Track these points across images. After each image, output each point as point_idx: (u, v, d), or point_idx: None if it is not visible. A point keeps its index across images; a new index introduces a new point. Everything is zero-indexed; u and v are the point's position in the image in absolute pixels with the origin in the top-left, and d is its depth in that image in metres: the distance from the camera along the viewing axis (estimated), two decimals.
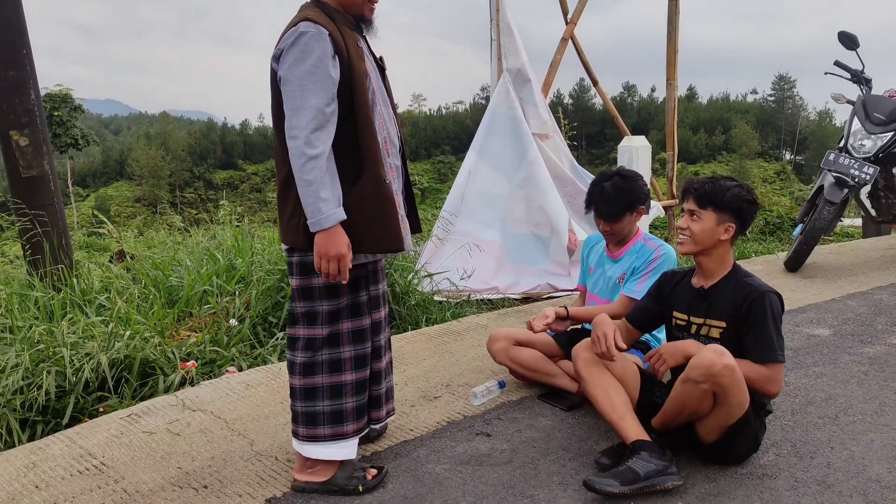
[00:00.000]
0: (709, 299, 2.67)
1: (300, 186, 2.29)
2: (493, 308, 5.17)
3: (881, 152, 5.06)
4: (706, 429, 2.57)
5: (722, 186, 2.60)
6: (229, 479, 2.70)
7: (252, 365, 3.97)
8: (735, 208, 2.60)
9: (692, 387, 2.45)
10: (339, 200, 2.34)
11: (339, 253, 2.35)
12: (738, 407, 2.48)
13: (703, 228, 2.61)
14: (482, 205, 5.69)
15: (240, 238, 5.63)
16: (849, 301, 4.68)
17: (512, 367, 3.44)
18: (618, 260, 3.32)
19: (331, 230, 2.32)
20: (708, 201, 2.60)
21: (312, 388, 2.53)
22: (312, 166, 2.27)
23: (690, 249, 2.66)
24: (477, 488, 2.59)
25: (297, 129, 2.27)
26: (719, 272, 2.68)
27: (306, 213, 2.31)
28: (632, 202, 3.22)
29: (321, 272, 2.38)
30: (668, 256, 3.20)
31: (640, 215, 3.29)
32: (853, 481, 2.55)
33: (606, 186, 3.22)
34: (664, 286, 2.84)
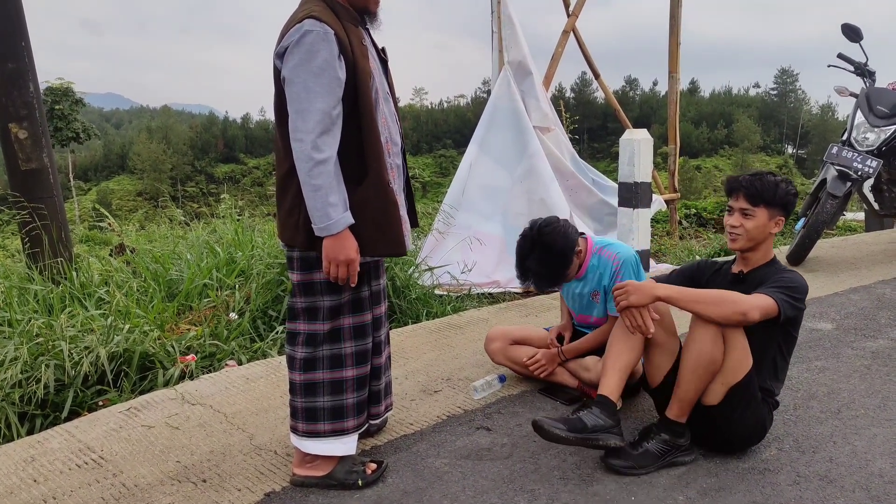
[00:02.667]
0: (745, 282, 2.73)
1: (307, 191, 2.26)
2: (494, 302, 5.15)
3: (884, 145, 5.03)
4: (710, 391, 2.57)
5: (771, 183, 2.67)
6: (228, 474, 2.68)
7: (252, 359, 3.96)
8: (785, 203, 2.68)
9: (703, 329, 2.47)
10: (346, 204, 2.32)
11: (349, 258, 2.33)
12: (741, 361, 2.51)
13: (756, 226, 2.67)
14: (483, 198, 5.67)
15: (240, 232, 5.62)
16: (851, 295, 4.66)
17: (511, 367, 3.42)
18: (582, 278, 3.22)
19: (340, 235, 2.30)
20: (760, 199, 2.66)
21: (313, 384, 2.52)
22: (320, 171, 2.24)
23: (744, 245, 2.71)
24: (477, 483, 2.58)
25: (302, 132, 2.23)
26: (763, 261, 2.75)
27: (313, 217, 2.28)
28: (564, 264, 3.03)
29: (330, 276, 2.36)
30: (627, 260, 3.12)
31: (579, 257, 3.12)
32: (856, 476, 2.54)
33: (532, 266, 3.02)
34: (701, 273, 2.91)
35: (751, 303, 2.44)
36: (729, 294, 2.48)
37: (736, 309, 2.42)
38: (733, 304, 2.43)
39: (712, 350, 2.48)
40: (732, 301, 2.44)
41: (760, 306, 2.43)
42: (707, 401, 2.59)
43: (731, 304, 2.44)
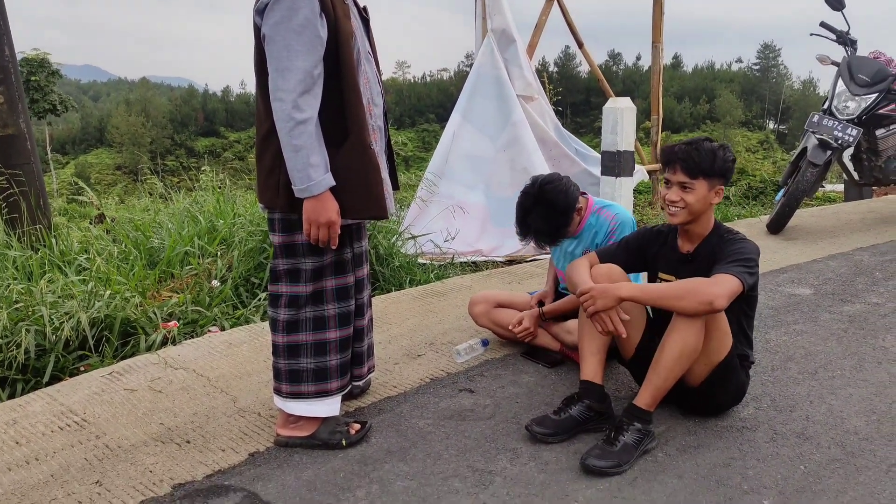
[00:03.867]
0: (695, 262, 2.66)
1: (288, 151, 2.24)
2: (478, 270, 5.17)
3: (865, 114, 5.06)
4: (693, 372, 2.54)
5: (708, 152, 2.54)
6: (212, 435, 2.69)
7: (235, 325, 3.95)
8: (724, 172, 2.57)
9: (687, 319, 2.41)
10: (327, 165, 2.30)
11: (330, 220, 2.31)
12: (722, 341, 2.50)
13: (697, 199, 2.56)
14: (466, 167, 5.66)
15: (221, 200, 5.58)
16: (829, 262, 4.72)
17: (494, 329, 3.44)
18: (577, 235, 3.23)
19: (320, 196, 2.28)
20: (699, 171, 2.53)
21: (296, 346, 2.52)
22: (301, 131, 2.22)
23: (685, 220, 2.61)
24: (460, 442, 2.60)
25: (283, 91, 2.20)
26: (704, 233, 2.67)
27: (294, 178, 2.26)
28: (566, 222, 3.05)
29: (310, 238, 2.35)
30: (624, 223, 3.14)
31: (580, 214, 3.14)
32: (831, 433, 2.59)
33: (533, 223, 3.03)
34: (647, 245, 2.81)
35: (714, 291, 2.34)
36: (692, 285, 2.39)
37: (702, 300, 2.34)
38: (697, 296, 2.34)
39: (696, 340, 2.43)
40: (696, 292, 2.35)
41: (726, 292, 2.35)
42: (689, 382, 2.58)
43: (695, 295, 2.35)
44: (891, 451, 2.46)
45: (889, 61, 5.14)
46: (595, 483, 2.33)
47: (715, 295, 2.34)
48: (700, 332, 2.42)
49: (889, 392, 2.88)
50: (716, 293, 2.35)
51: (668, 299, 2.41)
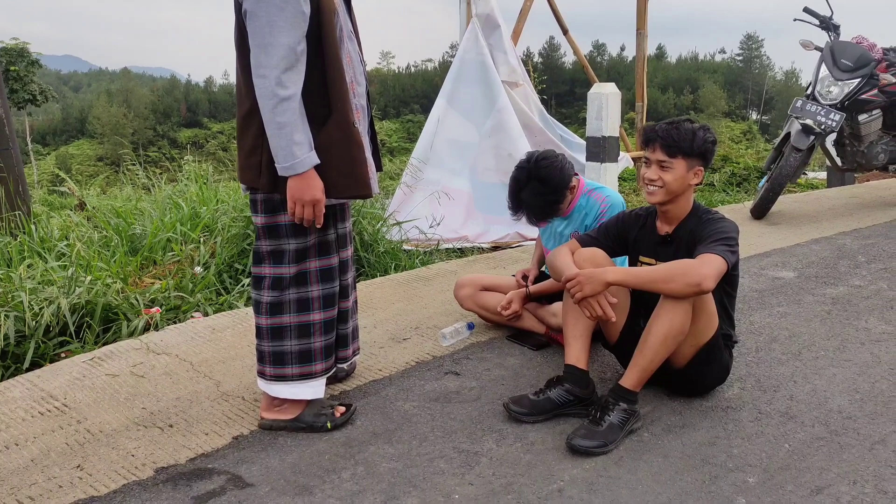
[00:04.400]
0: (674, 244, 2.66)
1: (271, 129, 2.21)
2: (463, 256, 5.15)
3: (847, 99, 5.08)
4: (679, 353, 2.54)
5: (688, 132, 2.54)
6: (195, 419, 2.66)
7: (218, 311, 3.92)
8: (703, 152, 2.56)
9: (675, 301, 2.40)
10: (311, 143, 2.27)
11: (315, 198, 2.29)
12: (709, 322, 2.50)
13: (675, 178, 2.55)
14: (451, 153, 5.64)
15: (204, 187, 5.53)
16: (813, 245, 4.75)
17: (479, 313, 3.43)
18: (567, 217, 3.23)
19: (305, 174, 2.26)
20: (677, 150, 2.53)
21: (280, 328, 2.49)
22: (285, 108, 2.18)
23: (663, 199, 2.60)
24: (446, 424, 2.59)
25: (266, 67, 2.17)
26: (682, 215, 2.66)
27: (278, 157, 2.23)
28: (558, 199, 3.05)
29: (295, 218, 2.32)
30: (615, 205, 3.13)
31: (572, 193, 3.14)
32: (815, 412, 2.60)
33: (526, 198, 3.03)
34: (627, 230, 2.81)
35: (702, 272, 2.33)
36: (679, 267, 2.37)
37: (689, 281, 2.32)
38: (686, 277, 2.33)
39: (684, 321, 2.42)
40: (683, 273, 2.34)
41: (713, 272, 2.34)
42: (675, 363, 2.58)
43: (684, 277, 2.33)
44: (874, 428, 2.48)
45: (871, 46, 5.16)
46: (581, 462, 2.33)
47: (703, 276, 2.33)
48: (687, 314, 2.42)
49: (872, 372, 2.90)
50: (704, 274, 2.34)
51: (656, 282, 2.40)
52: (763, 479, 2.21)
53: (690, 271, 2.35)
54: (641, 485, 2.21)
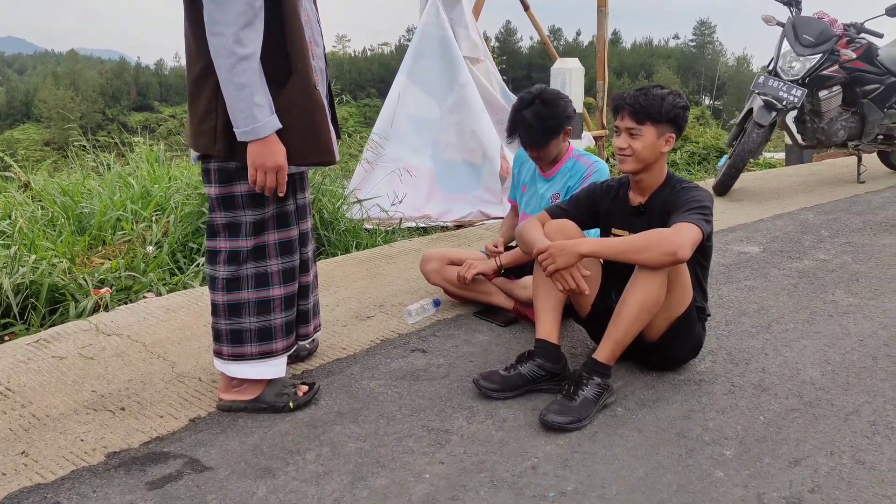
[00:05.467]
0: (647, 214, 2.59)
1: (229, 91, 2.06)
2: (426, 234, 5.05)
3: (809, 75, 5.09)
4: (653, 326, 2.48)
5: (656, 97, 2.46)
6: (149, 401, 2.52)
7: (172, 291, 3.76)
8: (673, 118, 2.49)
9: (650, 272, 2.33)
10: (272, 106, 2.13)
11: (278, 164, 2.15)
12: (683, 294, 2.45)
13: (645, 145, 2.48)
14: (412, 130, 5.51)
15: (156, 165, 5.32)
16: (776, 221, 4.76)
17: (446, 287, 3.33)
18: (550, 179, 3.20)
19: (267, 139, 2.12)
20: (646, 116, 2.46)
21: (237, 304, 2.35)
22: (244, 68, 2.03)
23: (634, 168, 2.53)
24: (413, 402, 2.50)
25: (222, 24, 2.00)
26: (655, 185, 2.59)
27: (237, 120, 2.09)
28: (555, 127, 3.03)
29: (256, 185, 2.18)
30: (602, 171, 3.11)
31: (567, 136, 3.13)
32: (788, 384, 2.57)
33: (527, 115, 3.02)
34: (599, 201, 2.73)
35: (677, 241, 2.27)
36: (655, 236, 2.31)
37: (665, 251, 2.26)
38: (661, 247, 2.26)
39: (659, 293, 2.36)
40: (659, 243, 2.27)
41: (689, 242, 2.28)
42: (648, 337, 2.52)
43: (659, 246, 2.27)
44: (847, 399, 2.45)
45: (832, 22, 5.17)
46: (554, 439, 2.26)
47: (678, 245, 2.27)
48: (662, 285, 2.36)
49: (842, 343, 2.88)
50: (679, 243, 2.27)
51: (630, 252, 2.33)
52: (740, 452, 2.17)
53: (666, 240, 2.29)
54: (617, 460, 2.15)
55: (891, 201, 5.18)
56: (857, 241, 4.22)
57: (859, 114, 5.41)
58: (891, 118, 5.55)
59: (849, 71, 5.23)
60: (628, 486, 2.02)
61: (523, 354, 2.58)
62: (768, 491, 1.98)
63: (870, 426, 2.29)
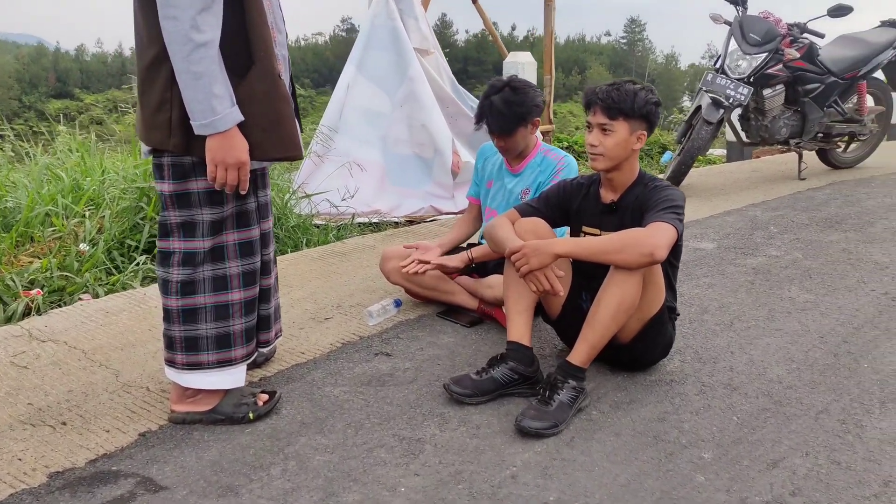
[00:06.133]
0: (619, 212, 2.54)
1: (186, 80, 1.90)
2: (378, 230, 4.92)
3: (755, 73, 5.16)
4: (626, 327, 2.41)
5: (628, 92, 2.40)
6: (93, 414, 2.34)
7: (110, 292, 3.53)
8: (645, 114, 2.43)
9: (626, 273, 2.27)
10: (233, 97, 1.98)
11: (240, 160, 2.00)
12: (657, 294, 2.40)
13: (616, 142, 2.42)
14: (362, 122, 5.35)
15: (87, 157, 5.03)
16: (726, 217, 4.81)
17: (407, 287, 3.22)
18: (519, 174, 3.12)
19: (227, 133, 1.97)
20: (618, 111, 2.40)
21: (193, 310, 2.19)
22: (202, 55, 1.88)
23: (607, 165, 2.47)
24: (382, 409, 2.39)
25: (177, 8, 1.84)
26: (627, 183, 2.54)
27: (194, 112, 1.93)
28: (524, 115, 2.96)
29: (215, 183, 2.03)
30: (571, 167, 3.06)
31: (535, 127, 3.07)
32: (756, 383, 2.56)
33: (496, 100, 2.96)
34: (570, 199, 2.66)
35: (654, 241, 2.22)
36: (631, 236, 2.26)
37: (642, 251, 2.21)
38: (638, 247, 2.21)
39: (635, 293, 2.30)
40: (635, 243, 2.22)
41: (665, 242, 2.24)
42: (621, 338, 2.46)
43: (636, 246, 2.21)
44: (815, 398, 2.46)
45: (777, 21, 5.25)
46: (531, 446, 2.18)
47: (655, 245, 2.22)
48: (638, 286, 2.31)
49: (803, 341, 2.90)
50: (656, 243, 2.23)
51: (607, 253, 2.27)
52: (718, 455, 2.13)
53: (642, 241, 2.24)
54: (597, 466, 2.08)
55: (832, 198, 5.31)
56: (806, 238, 4.29)
57: (801, 112, 5.52)
58: (830, 116, 5.69)
59: (792, 70, 5.33)
60: (611, 495, 1.96)
61: (495, 358, 2.49)
62: (750, 495, 1.95)
63: (840, 425, 2.29)
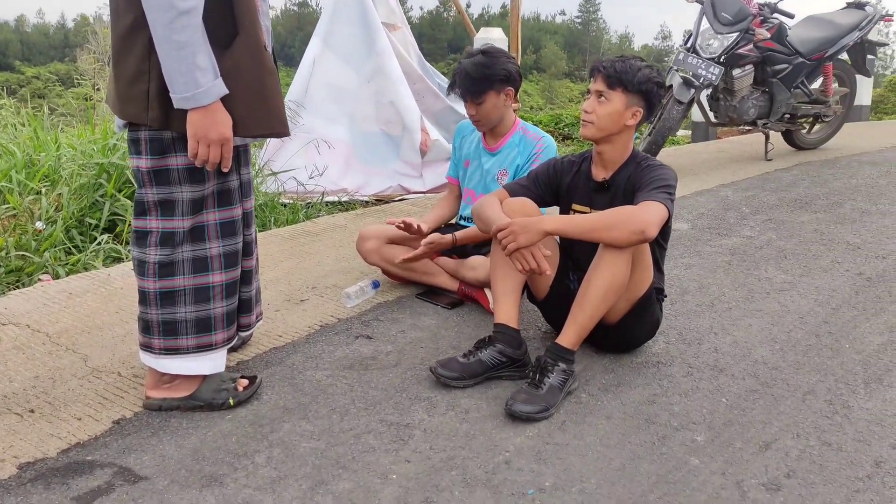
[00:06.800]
0: (611, 190, 2.49)
1: (167, 51, 1.78)
2: (347, 209, 4.81)
3: (726, 53, 5.16)
4: (614, 308, 2.38)
5: (632, 66, 2.37)
6: (62, 401, 2.23)
7: (72, 272, 3.38)
8: (645, 91, 2.38)
9: (616, 252, 2.24)
10: (216, 70, 1.87)
11: (223, 136, 1.89)
12: (644, 274, 2.38)
13: (609, 112, 2.38)
14: (328, 99, 5.21)
15: (40, 129, 4.81)
16: (698, 198, 4.82)
17: (385, 268, 3.14)
18: (496, 153, 3.05)
19: (210, 107, 1.86)
20: (617, 81, 2.36)
21: (172, 292, 2.08)
22: (185, 24, 1.76)
23: (593, 135, 2.43)
24: (367, 394, 2.32)
25: None
26: (620, 161, 2.49)
27: (175, 85, 1.82)
28: (491, 77, 2.89)
29: (197, 160, 1.91)
30: (550, 147, 3.00)
31: (509, 98, 2.98)
32: (742, 364, 2.56)
33: (465, 64, 2.93)
34: (560, 176, 2.61)
35: (645, 219, 2.19)
36: (622, 214, 2.22)
37: (633, 229, 2.17)
38: (629, 225, 2.18)
39: (625, 273, 2.26)
40: (627, 220, 2.19)
41: (656, 220, 2.21)
42: (608, 319, 2.42)
43: (627, 224, 2.18)
44: (801, 378, 2.46)
45: (748, 1, 5.25)
46: (523, 430, 2.14)
47: (646, 223, 2.19)
48: (628, 265, 2.27)
49: (784, 321, 2.91)
50: (647, 221, 2.19)
51: (597, 230, 2.22)
52: (710, 437, 2.12)
53: (634, 218, 2.20)
54: (591, 451, 2.05)
55: (800, 179, 5.37)
56: (778, 218, 4.33)
57: (768, 93, 5.55)
58: (796, 98, 5.74)
59: (761, 50, 5.34)
60: (607, 479, 1.93)
61: (483, 340, 2.44)
62: (746, 478, 1.94)
63: (828, 406, 2.30)
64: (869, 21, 5.80)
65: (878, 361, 2.58)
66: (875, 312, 2.99)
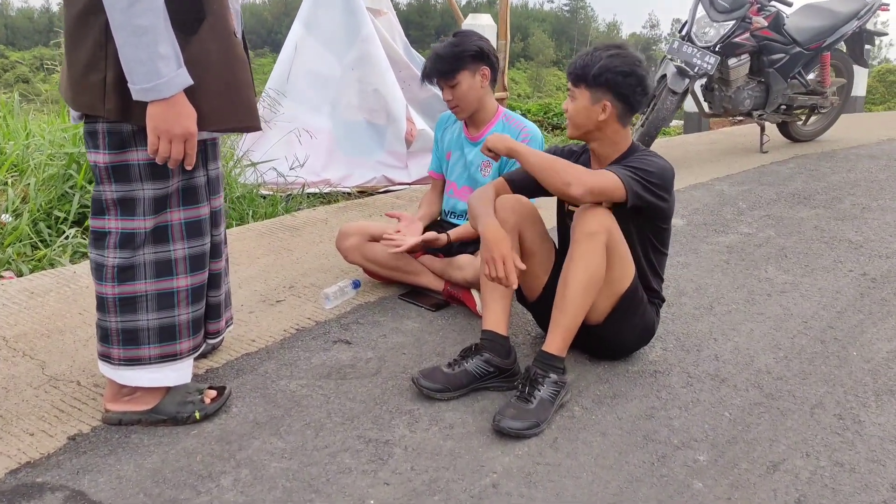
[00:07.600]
0: None
1: (125, 37, 1.60)
2: (329, 202, 4.63)
3: (722, 42, 5.01)
4: (596, 306, 2.24)
5: (594, 58, 2.21)
6: (14, 414, 2.06)
7: (36, 269, 3.20)
8: (606, 83, 2.21)
9: (589, 241, 2.12)
10: (180, 59, 1.69)
11: (187, 131, 1.72)
12: (624, 268, 2.24)
13: (577, 109, 2.27)
14: (310, 86, 5.02)
15: (9, 118, 4.60)
16: (693, 192, 4.67)
17: (366, 267, 2.97)
18: (478, 143, 2.89)
19: (173, 99, 1.68)
20: (579, 77, 2.24)
21: (132, 298, 1.90)
22: (146, 7, 1.58)
23: (573, 133, 2.33)
24: (344, 406, 2.16)
25: None
26: (614, 155, 2.34)
27: (134, 75, 1.64)
28: (462, 55, 2.75)
29: (158, 156, 1.74)
30: (535, 136, 2.84)
31: (485, 79, 2.83)
32: (744, 374, 2.41)
33: (436, 47, 2.83)
34: None
35: (581, 177, 2.09)
36: (567, 166, 2.15)
37: (564, 179, 2.10)
38: (563, 175, 2.11)
39: (600, 263, 2.13)
40: (564, 170, 2.12)
41: (592, 182, 2.08)
42: (592, 320, 2.28)
43: (561, 174, 2.11)
44: (808, 390, 2.32)
45: None
46: (511, 448, 1.99)
47: (578, 180, 2.11)
48: (602, 255, 2.14)
49: (787, 326, 2.77)
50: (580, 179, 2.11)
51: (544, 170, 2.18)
52: (714, 457, 1.97)
53: (569, 172, 2.14)
54: (585, 472, 1.90)
55: (797, 172, 5.23)
56: (776, 214, 4.18)
57: (764, 83, 5.41)
58: (793, 88, 5.60)
59: (758, 39, 5.19)
60: None
61: (469, 348, 2.28)
62: None
63: (838, 420, 2.16)
64: (868, 10, 5.66)
65: (888, 371, 2.44)
66: (882, 317, 2.86)
